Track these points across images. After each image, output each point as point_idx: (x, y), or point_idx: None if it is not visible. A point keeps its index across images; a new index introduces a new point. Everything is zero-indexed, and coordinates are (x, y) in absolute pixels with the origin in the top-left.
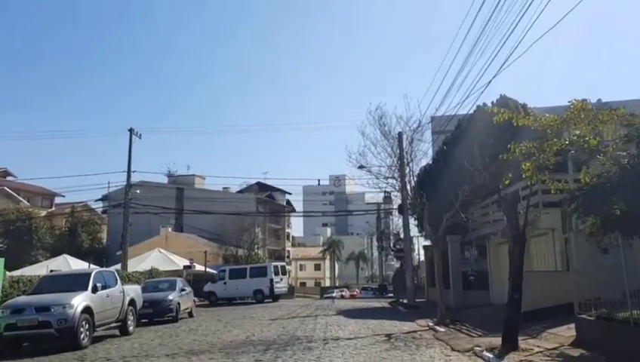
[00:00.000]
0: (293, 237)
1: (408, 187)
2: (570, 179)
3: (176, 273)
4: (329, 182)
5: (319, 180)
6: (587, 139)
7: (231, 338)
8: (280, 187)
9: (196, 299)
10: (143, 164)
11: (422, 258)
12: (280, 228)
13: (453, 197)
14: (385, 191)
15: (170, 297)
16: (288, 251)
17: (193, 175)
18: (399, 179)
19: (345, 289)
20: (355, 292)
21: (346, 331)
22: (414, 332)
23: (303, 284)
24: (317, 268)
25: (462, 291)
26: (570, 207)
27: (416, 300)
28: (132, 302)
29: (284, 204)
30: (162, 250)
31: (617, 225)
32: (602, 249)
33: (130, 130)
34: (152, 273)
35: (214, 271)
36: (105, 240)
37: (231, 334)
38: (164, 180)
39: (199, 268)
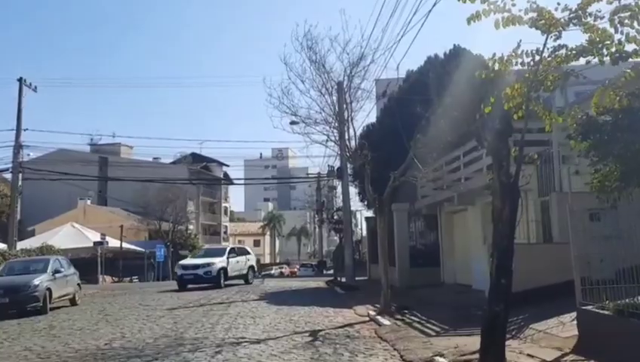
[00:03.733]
0: (232, 211)
1: (348, 136)
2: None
3: (86, 250)
4: (272, 155)
5: (261, 153)
6: (607, 43)
7: (84, 345)
8: (218, 159)
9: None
10: (66, 129)
11: (364, 232)
12: (216, 202)
13: (406, 148)
14: (329, 165)
15: (36, 282)
16: (225, 226)
17: (119, 144)
18: (336, 129)
19: (285, 266)
20: (295, 269)
21: (258, 328)
22: (350, 326)
23: None
24: (256, 244)
25: (409, 268)
26: (584, 142)
27: (357, 278)
28: None
29: (222, 176)
30: (76, 225)
31: None
32: (592, 215)
33: (20, 80)
34: (43, 251)
35: (137, 248)
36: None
37: (92, 336)
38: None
39: (114, 244)
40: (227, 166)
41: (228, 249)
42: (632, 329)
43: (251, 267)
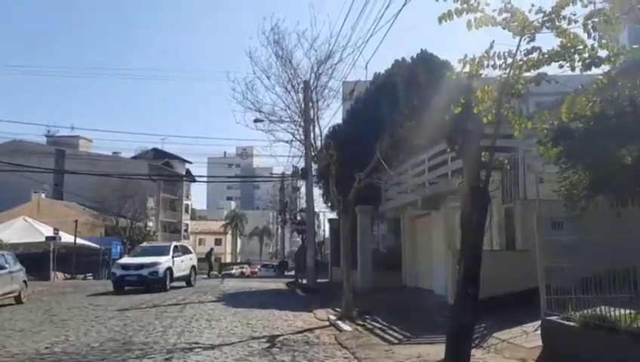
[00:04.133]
0: (193, 209)
1: (313, 136)
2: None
3: (38, 245)
4: (236, 154)
5: (225, 152)
6: (579, 48)
7: (22, 349)
8: (181, 155)
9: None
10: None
11: (327, 234)
12: (177, 199)
13: (372, 150)
14: (294, 166)
15: None
16: (186, 224)
17: (77, 136)
18: (302, 127)
19: (246, 266)
20: (256, 270)
21: (214, 332)
22: (310, 331)
23: (202, 260)
24: (218, 242)
25: (371, 272)
26: (554, 149)
27: (319, 281)
28: None
29: (184, 173)
30: (28, 219)
31: (623, 180)
32: (554, 223)
33: None
34: None
35: (92, 244)
36: None
37: (33, 338)
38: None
39: (68, 239)
40: (190, 163)
41: (172, 247)
42: (599, 341)
43: (193, 267)
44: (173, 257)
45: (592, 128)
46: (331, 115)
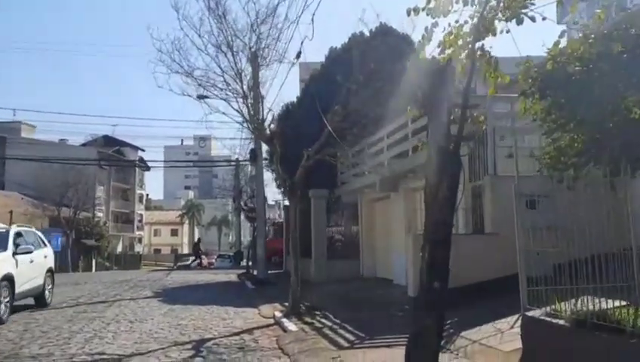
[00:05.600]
0: (149, 199)
1: (254, 107)
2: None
3: None
4: (194, 143)
5: (182, 139)
6: None
7: None
8: (134, 143)
9: None
10: None
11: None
12: (129, 188)
13: (324, 125)
14: (252, 150)
15: None
16: (140, 214)
17: (19, 122)
18: (240, 97)
19: (203, 257)
20: (213, 260)
21: (132, 336)
22: (249, 332)
23: (158, 251)
24: (174, 233)
25: (326, 261)
26: (541, 101)
27: (272, 271)
28: None
29: (137, 161)
30: None
31: (627, 139)
32: (528, 202)
33: None
34: None
35: None
36: None
37: None
38: None
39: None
40: (142, 150)
41: (12, 234)
42: (598, 345)
43: (50, 272)
44: (15, 254)
45: (592, 71)
46: (278, 87)
